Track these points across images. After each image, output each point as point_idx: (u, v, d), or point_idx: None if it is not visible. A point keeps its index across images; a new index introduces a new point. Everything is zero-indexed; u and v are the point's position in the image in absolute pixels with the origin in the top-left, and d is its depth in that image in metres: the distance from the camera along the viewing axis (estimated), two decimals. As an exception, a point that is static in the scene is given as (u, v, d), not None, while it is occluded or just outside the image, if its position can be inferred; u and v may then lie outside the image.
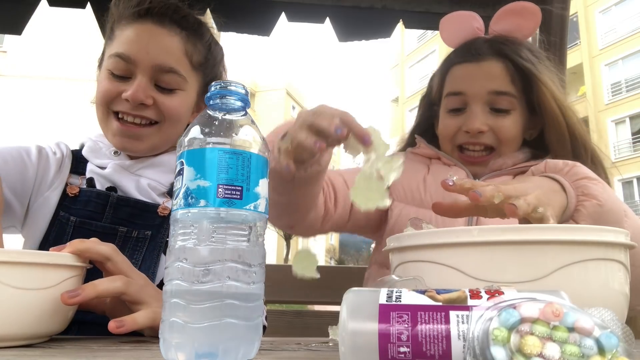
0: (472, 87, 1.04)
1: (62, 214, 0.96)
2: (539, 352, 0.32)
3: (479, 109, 1.03)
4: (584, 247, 0.48)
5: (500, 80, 1.03)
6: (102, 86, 0.98)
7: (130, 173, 1.01)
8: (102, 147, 1.05)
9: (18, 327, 0.59)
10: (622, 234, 0.53)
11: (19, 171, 0.97)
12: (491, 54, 1.05)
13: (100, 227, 0.93)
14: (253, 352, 0.49)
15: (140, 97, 0.94)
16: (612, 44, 19.60)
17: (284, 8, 1.59)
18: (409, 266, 0.54)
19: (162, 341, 0.48)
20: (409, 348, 0.36)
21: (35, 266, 0.60)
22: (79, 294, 0.63)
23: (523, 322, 0.34)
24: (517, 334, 0.33)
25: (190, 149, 0.49)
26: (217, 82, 0.53)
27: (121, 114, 0.97)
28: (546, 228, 0.50)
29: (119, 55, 0.97)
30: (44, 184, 0.99)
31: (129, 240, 0.95)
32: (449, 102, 1.08)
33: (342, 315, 0.39)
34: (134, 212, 0.97)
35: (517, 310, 0.34)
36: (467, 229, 0.49)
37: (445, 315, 0.36)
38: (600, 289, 0.49)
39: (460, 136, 1.06)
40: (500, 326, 0.34)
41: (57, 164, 1.01)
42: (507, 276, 0.47)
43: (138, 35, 0.98)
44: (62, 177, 1.00)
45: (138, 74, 0.96)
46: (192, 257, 0.47)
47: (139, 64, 0.96)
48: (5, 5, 1.55)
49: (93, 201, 0.96)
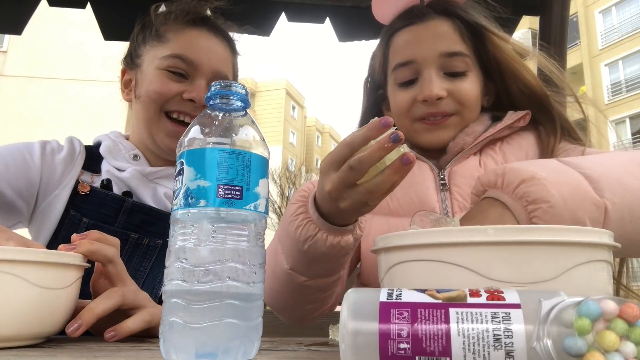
0: (421, 51, 0.92)
1: (74, 213, 0.95)
2: (617, 349, 0.33)
3: (433, 74, 0.91)
4: (591, 249, 0.48)
5: (450, 39, 0.93)
6: (159, 85, 0.98)
7: (148, 181, 1.01)
8: (121, 149, 1.04)
9: (39, 325, 0.59)
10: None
11: (22, 172, 0.96)
12: (436, 13, 0.95)
13: (112, 231, 0.91)
14: (253, 352, 0.49)
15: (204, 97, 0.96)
16: (612, 44, 19.59)
17: (284, 8, 1.59)
18: (411, 265, 0.53)
19: (162, 341, 0.48)
20: (409, 344, 0.36)
21: (60, 266, 0.60)
22: (80, 325, 0.63)
23: (604, 316, 0.34)
24: (598, 327, 0.34)
25: (190, 149, 0.49)
26: (217, 82, 0.53)
27: (177, 114, 0.99)
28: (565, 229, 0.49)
29: (179, 57, 0.98)
30: (52, 183, 0.97)
31: (140, 247, 0.95)
32: (397, 75, 0.95)
33: (342, 314, 0.39)
34: (147, 219, 0.97)
35: (598, 304, 0.34)
36: (482, 228, 0.48)
37: (445, 313, 0.36)
38: (604, 289, 0.49)
39: (417, 108, 0.93)
40: (582, 316, 0.34)
41: (65, 161, 1.00)
42: (523, 276, 0.46)
43: (198, 39, 1.01)
44: (73, 174, 0.99)
45: (197, 77, 0.99)
46: (192, 257, 0.47)
47: (200, 68, 0.99)
48: (5, 5, 1.55)
49: (107, 204, 0.96)
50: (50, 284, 0.59)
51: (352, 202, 0.61)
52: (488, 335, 0.35)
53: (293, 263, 0.74)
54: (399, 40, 0.97)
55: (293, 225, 0.69)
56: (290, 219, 0.70)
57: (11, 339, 0.58)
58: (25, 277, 0.56)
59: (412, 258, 0.52)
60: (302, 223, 0.68)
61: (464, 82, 0.93)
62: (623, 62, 19.28)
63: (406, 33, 0.96)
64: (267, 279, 0.80)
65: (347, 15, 1.60)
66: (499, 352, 0.35)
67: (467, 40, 0.94)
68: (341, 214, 0.65)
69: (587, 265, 0.48)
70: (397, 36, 0.97)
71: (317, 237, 0.67)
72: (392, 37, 0.98)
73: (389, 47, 0.99)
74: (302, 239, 0.68)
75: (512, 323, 0.35)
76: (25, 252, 0.57)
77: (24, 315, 0.57)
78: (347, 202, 0.62)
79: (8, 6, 1.56)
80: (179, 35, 1.01)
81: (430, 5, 0.97)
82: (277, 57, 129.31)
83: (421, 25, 0.95)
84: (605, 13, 20.07)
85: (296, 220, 0.69)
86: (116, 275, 0.71)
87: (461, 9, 0.96)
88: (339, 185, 0.61)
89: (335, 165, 0.61)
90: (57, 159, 0.99)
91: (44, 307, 0.59)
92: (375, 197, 0.61)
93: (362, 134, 0.59)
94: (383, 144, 0.57)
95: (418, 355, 0.36)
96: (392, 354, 0.36)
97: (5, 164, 0.94)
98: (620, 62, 19.38)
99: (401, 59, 0.95)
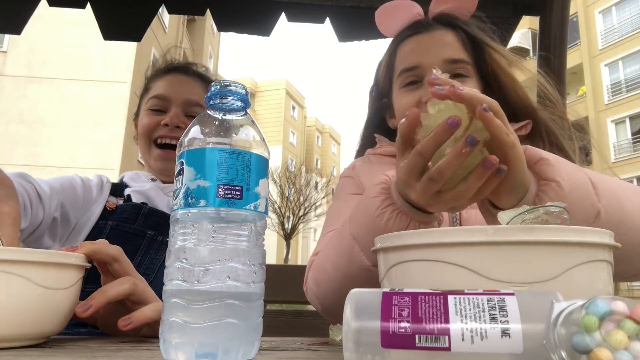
0: (426, 57, 0.96)
1: (101, 222, 1.14)
2: (625, 347, 0.33)
3: None
4: (591, 249, 0.48)
5: (453, 48, 0.97)
6: (144, 122, 1.24)
7: (164, 194, 1.23)
8: (141, 176, 1.28)
9: (40, 325, 0.60)
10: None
11: (72, 192, 1.16)
12: (440, 24, 1.00)
13: (132, 229, 1.11)
14: (253, 352, 0.49)
15: (176, 121, 1.20)
16: (612, 44, 19.60)
17: (284, 8, 1.59)
18: (411, 265, 0.54)
19: (162, 341, 0.48)
20: (409, 323, 0.37)
21: (62, 267, 0.61)
22: (91, 305, 0.65)
23: (613, 314, 0.34)
24: (606, 325, 0.34)
25: (190, 149, 0.49)
26: (217, 82, 0.53)
27: (160, 139, 1.22)
28: (564, 229, 0.49)
29: (156, 96, 1.24)
30: (88, 202, 1.19)
31: (155, 242, 1.12)
32: (403, 79, 0.99)
33: (345, 313, 0.39)
34: (161, 221, 1.14)
35: (606, 303, 0.34)
36: (482, 228, 0.48)
37: (444, 298, 0.38)
38: (604, 289, 0.49)
39: (423, 110, 0.97)
40: (589, 314, 0.34)
41: (98, 186, 1.23)
42: (523, 276, 0.46)
43: (170, 81, 1.27)
44: (104, 196, 1.21)
45: (172, 108, 1.22)
46: (192, 257, 0.47)
47: (173, 100, 1.23)
48: (5, 5, 1.55)
49: (128, 210, 1.15)
50: (53, 284, 0.59)
51: (439, 207, 0.63)
52: (484, 314, 0.36)
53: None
54: (405, 48, 1.01)
55: (382, 219, 0.68)
56: (378, 212, 0.69)
57: (13, 339, 0.58)
58: (28, 277, 0.56)
59: (412, 258, 0.52)
60: (392, 215, 0.68)
61: (466, 85, 0.94)
62: (623, 62, 19.28)
63: (412, 42, 1.01)
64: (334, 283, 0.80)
65: (347, 15, 1.60)
66: (495, 330, 0.36)
67: (469, 50, 0.99)
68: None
69: (587, 265, 0.48)
70: (403, 45, 1.02)
71: (410, 227, 0.67)
72: (399, 45, 1.03)
73: (395, 56, 1.03)
74: (394, 231, 0.68)
75: (506, 305, 0.37)
76: (28, 253, 0.57)
77: (26, 315, 0.57)
78: (435, 207, 0.63)
79: (8, 6, 1.56)
80: (156, 83, 1.28)
81: (435, 18, 1.03)
82: (277, 57, 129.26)
83: (426, 34, 0.99)
84: (605, 13, 20.07)
85: (385, 213, 0.68)
86: (123, 273, 0.72)
87: (463, 22, 1.01)
88: (423, 194, 0.61)
89: (414, 176, 0.61)
90: (91, 185, 1.23)
91: (46, 307, 0.59)
92: (462, 203, 0.61)
93: (432, 139, 0.58)
94: (460, 150, 0.56)
95: (418, 334, 0.36)
96: (392, 332, 0.37)
97: (61, 185, 1.14)
98: (620, 62, 19.39)
99: (406, 64, 0.99)
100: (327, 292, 0.83)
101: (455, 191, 0.59)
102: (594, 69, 20.02)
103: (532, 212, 0.54)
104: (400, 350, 0.36)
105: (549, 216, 0.53)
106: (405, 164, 0.62)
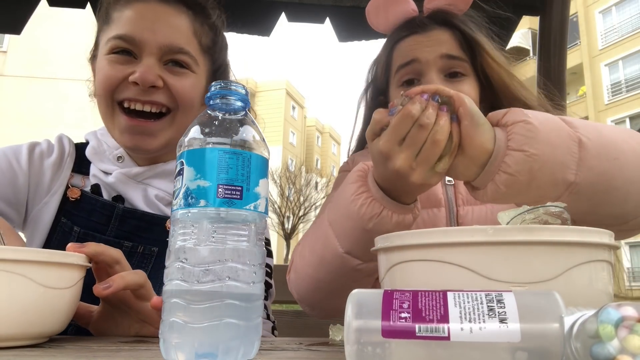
0: (423, 53, 0.97)
1: (64, 220, 0.90)
2: None
3: (435, 75, 0.95)
4: (591, 249, 0.48)
5: (450, 45, 0.98)
6: (103, 73, 0.87)
7: (136, 182, 0.94)
8: (105, 150, 0.96)
9: (42, 325, 0.60)
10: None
11: (9, 180, 0.91)
12: (437, 24, 1.01)
13: (104, 240, 0.84)
14: (253, 352, 0.49)
15: (150, 78, 0.85)
16: (612, 44, 19.60)
17: (284, 8, 1.59)
18: (411, 265, 0.54)
19: (162, 341, 0.48)
20: (409, 314, 0.38)
21: (63, 266, 0.61)
22: (111, 285, 0.64)
23: (625, 320, 0.34)
24: (620, 332, 0.34)
25: (190, 149, 0.49)
26: (217, 82, 0.53)
27: (128, 102, 0.87)
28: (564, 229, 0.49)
29: (120, 37, 0.87)
30: (40, 190, 0.92)
31: (134, 255, 0.90)
32: (400, 75, 1.00)
33: (347, 313, 0.39)
34: (140, 225, 0.91)
35: (617, 310, 0.35)
36: (482, 228, 0.48)
37: (443, 293, 0.39)
38: (604, 289, 0.49)
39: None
40: (604, 323, 0.34)
41: (55, 165, 0.94)
42: (523, 276, 0.46)
43: (141, 14, 0.88)
44: (62, 179, 0.94)
45: (144, 56, 0.87)
46: (192, 257, 0.47)
47: (145, 45, 0.86)
48: (5, 5, 1.55)
49: (98, 211, 0.90)
50: (54, 283, 0.59)
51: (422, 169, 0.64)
52: (482, 306, 0.37)
53: (350, 245, 0.74)
54: (403, 46, 1.02)
55: (356, 204, 0.69)
56: (352, 198, 0.70)
57: (14, 338, 0.58)
58: (29, 276, 0.56)
59: (412, 258, 0.52)
60: (365, 202, 0.69)
61: (464, 84, 0.97)
62: (623, 62, 19.29)
63: (409, 41, 1.01)
64: (309, 269, 0.81)
65: (347, 15, 1.60)
66: (493, 320, 0.36)
67: (465, 49, 0.99)
68: (406, 192, 0.68)
69: (587, 265, 0.48)
70: (401, 44, 1.02)
71: (383, 215, 0.68)
72: (396, 44, 1.03)
73: (392, 54, 1.04)
74: (366, 218, 0.69)
75: (504, 299, 0.38)
76: (29, 252, 0.57)
77: (28, 315, 0.57)
78: (418, 171, 0.64)
79: (8, 6, 1.56)
80: (122, 13, 0.89)
81: (430, 16, 1.02)
82: (277, 57, 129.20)
83: (423, 34, 1.00)
84: (605, 13, 20.07)
85: (359, 199, 0.69)
86: None
87: (460, 21, 1.01)
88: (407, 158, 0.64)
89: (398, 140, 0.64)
90: (46, 163, 0.94)
91: (47, 307, 0.59)
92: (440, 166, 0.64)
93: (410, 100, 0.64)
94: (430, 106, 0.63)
95: (418, 324, 0.37)
96: (393, 322, 0.38)
97: None
98: (620, 62, 19.39)
99: (404, 60, 0.99)
100: (303, 278, 0.84)
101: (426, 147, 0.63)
102: (594, 69, 20.03)
103: (532, 212, 0.54)
104: (401, 340, 0.37)
105: (549, 216, 0.54)
106: (385, 137, 0.65)
